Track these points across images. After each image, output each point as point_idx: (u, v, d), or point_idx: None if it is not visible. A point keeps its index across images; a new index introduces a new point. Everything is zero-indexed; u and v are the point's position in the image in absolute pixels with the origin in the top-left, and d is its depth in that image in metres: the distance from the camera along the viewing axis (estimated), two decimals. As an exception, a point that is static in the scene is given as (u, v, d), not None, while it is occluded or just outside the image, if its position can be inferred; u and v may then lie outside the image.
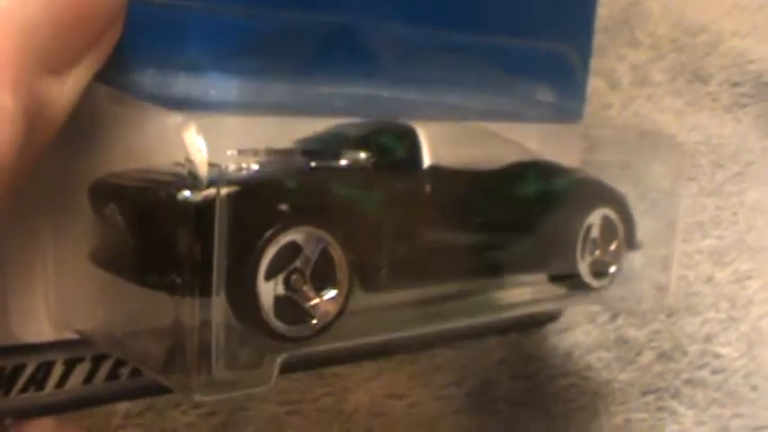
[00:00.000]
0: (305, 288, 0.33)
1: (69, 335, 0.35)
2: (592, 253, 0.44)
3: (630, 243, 0.46)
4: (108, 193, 0.34)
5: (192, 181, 0.29)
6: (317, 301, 0.33)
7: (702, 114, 0.68)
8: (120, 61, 0.32)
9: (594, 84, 0.55)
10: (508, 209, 0.40)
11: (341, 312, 0.33)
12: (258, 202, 0.32)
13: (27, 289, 0.34)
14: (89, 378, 0.37)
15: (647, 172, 0.47)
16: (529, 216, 0.41)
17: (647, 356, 0.65)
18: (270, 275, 0.32)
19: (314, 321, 0.33)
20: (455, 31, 0.45)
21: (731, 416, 0.64)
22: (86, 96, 0.31)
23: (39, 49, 0.27)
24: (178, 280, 0.29)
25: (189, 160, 0.29)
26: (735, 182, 0.67)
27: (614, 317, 0.64)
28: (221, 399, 0.32)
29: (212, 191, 0.29)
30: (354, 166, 0.36)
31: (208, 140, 0.29)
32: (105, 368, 0.38)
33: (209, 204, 0.29)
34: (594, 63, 0.54)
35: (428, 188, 0.37)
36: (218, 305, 0.29)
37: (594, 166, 0.47)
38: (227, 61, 0.36)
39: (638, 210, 0.46)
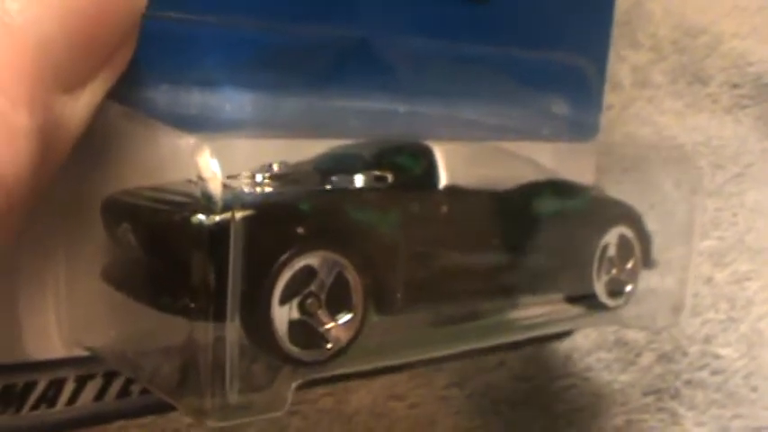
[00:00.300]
0: (320, 312, 0.32)
1: (81, 352, 0.35)
2: (608, 272, 0.44)
3: (646, 261, 0.45)
4: (121, 211, 0.33)
5: (207, 204, 0.28)
6: (332, 325, 0.33)
7: (702, 116, 0.68)
8: (134, 77, 0.32)
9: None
10: (524, 229, 0.40)
11: (356, 336, 0.33)
12: (273, 225, 0.31)
13: (38, 306, 0.34)
14: (100, 395, 0.37)
15: (661, 188, 0.47)
16: (545, 236, 0.41)
17: (648, 358, 0.65)
18: (284, 300, 0.31)
19: (329, 345, 0.33)
20: (471, 43, 0.44)
21: (731, 417, 0.64)
22: (100, 114, 0.30)
23: (54, 66, 0.27)
24: (191, 304, 0.29)
25: (203, 183, 0.28)
26: (735, 183, 0.67)
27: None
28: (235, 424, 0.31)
29: (227, 215, 0.28)
30: (370, 187, 0.35)
31: (221, 162, 0.29)
32: (117, 385, 0.38)
33: (223, 228, 0.28)
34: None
35: (444, 209, 0.37)
36: (233, 331, 0.29)
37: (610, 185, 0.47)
38: (241, 76, 0.36)
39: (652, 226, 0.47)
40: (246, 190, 0.33)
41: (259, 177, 0.35)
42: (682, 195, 0.47)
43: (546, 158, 0.45)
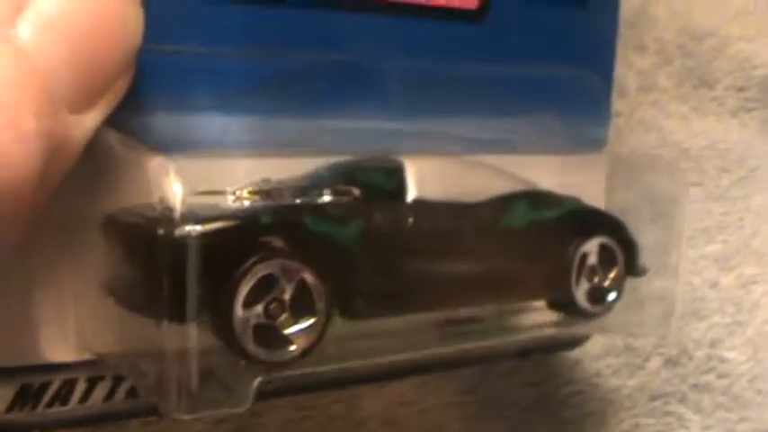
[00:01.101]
0: (283, 316, 0.35)
1: (90, 356, 0.38)
2: (590, 280, 0.45)
3: (632, 270, 0.46)
4: (114, 228, 0.36)
5: (167, 221, 0.32)
6: (295, 328, 0.35)
7: (708, 119, 0.68)
8: (134, 105, 0.35)
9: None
10: (494, 239, 0.41)
11: (319, 339, 0.36)
12: (235, 237, 0.34)
13: (51, 314, 0.37)
14: (110, 395, 0.40)
15: (652, 195, 0.48)
16: (516, 246, 0.42)
17: (655, 362, 0.65)
18: (248, 305, 0.34)
19: (292, 348, 0.35)
20: (470, 60, 0.46)
21: (737, 420, 0.64)
22: (101, 140, 0.34)
23: (60, 88, 0.30)
24: (160, 308, 0.32)
25: (164, 201, 0.32)
26: (740, 186, 0.67)
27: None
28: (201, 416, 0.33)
29: (187, 229, 0.32)
30: (333, 201, 0.37)
31: (194, 181, 0.32)
32: (125, 386, 0.40)
33: (181, 243, 0.32)
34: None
35: (410, 220, 0.39)
36: (193, 332, 0.32)
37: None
38: (234, 102, 0.39)
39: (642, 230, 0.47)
40: (225, 204, 0.36)
41: (239, 193, 0.37)
42: (673, 202, 0.47)
43: (554, 172, 0.46)
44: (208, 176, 0.36)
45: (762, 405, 0.64)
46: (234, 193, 0.36)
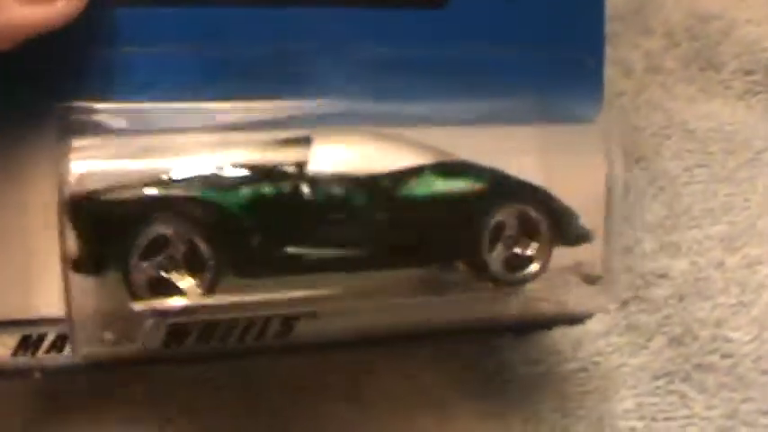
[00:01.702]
0: (176, 271, 0.41)
1: None
2: (508, 248, 0.46)
3: (566, 240, 0.48)
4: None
5: (66, 193, 0.40)
6: (187, 283, 0.41)
7: (715, 102, 0.68)
8: (104, 98, 0.42)
9: (608, 72, 0.56)
10: (391, 208, 0.44)
11: (209, 293, 0.41)
12: (131, 205, 0.41)
13: (47, 275, 0.43)
14: None
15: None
16: (416, 215, 0.44)
17: (659, 341, 0.65)
18: (143, 260, 0.41)
19: (185, 300, 0.41)
20: (454, 41, 0.48)
21: (741, 400, 0.64)
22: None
23: None
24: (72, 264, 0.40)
25: (64, 179, 0.39)
26: (746, 169, 0.67)
27: (625, 304, 0.65)
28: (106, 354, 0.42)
29: (81, 198, 0.39)
30: (227, 172, 0.42)
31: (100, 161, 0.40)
32: None
33: (77, 209, 0.40)
34: (608, 51, 0.55)
35: (304, 189, 0.43)
36: (84, 284, 0.40)
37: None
38: (194, 91, 0.44)
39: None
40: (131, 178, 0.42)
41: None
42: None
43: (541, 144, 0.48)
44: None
45: (766, 385, 0.64)
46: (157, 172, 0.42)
